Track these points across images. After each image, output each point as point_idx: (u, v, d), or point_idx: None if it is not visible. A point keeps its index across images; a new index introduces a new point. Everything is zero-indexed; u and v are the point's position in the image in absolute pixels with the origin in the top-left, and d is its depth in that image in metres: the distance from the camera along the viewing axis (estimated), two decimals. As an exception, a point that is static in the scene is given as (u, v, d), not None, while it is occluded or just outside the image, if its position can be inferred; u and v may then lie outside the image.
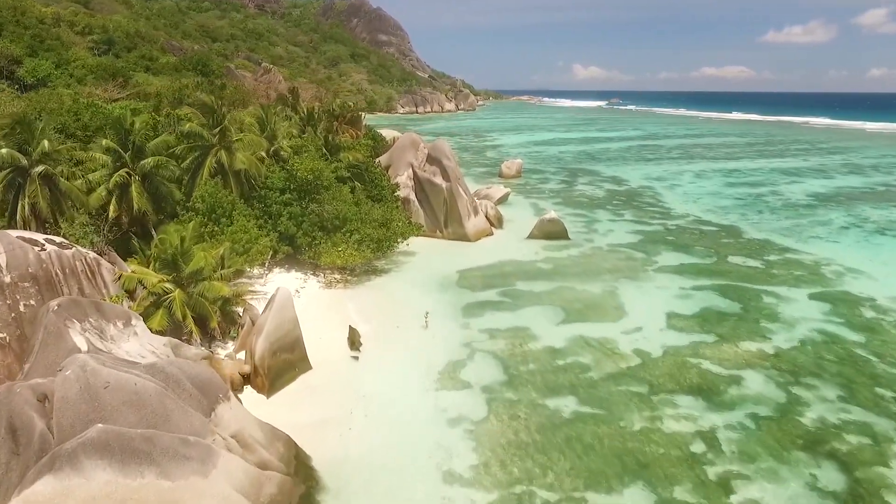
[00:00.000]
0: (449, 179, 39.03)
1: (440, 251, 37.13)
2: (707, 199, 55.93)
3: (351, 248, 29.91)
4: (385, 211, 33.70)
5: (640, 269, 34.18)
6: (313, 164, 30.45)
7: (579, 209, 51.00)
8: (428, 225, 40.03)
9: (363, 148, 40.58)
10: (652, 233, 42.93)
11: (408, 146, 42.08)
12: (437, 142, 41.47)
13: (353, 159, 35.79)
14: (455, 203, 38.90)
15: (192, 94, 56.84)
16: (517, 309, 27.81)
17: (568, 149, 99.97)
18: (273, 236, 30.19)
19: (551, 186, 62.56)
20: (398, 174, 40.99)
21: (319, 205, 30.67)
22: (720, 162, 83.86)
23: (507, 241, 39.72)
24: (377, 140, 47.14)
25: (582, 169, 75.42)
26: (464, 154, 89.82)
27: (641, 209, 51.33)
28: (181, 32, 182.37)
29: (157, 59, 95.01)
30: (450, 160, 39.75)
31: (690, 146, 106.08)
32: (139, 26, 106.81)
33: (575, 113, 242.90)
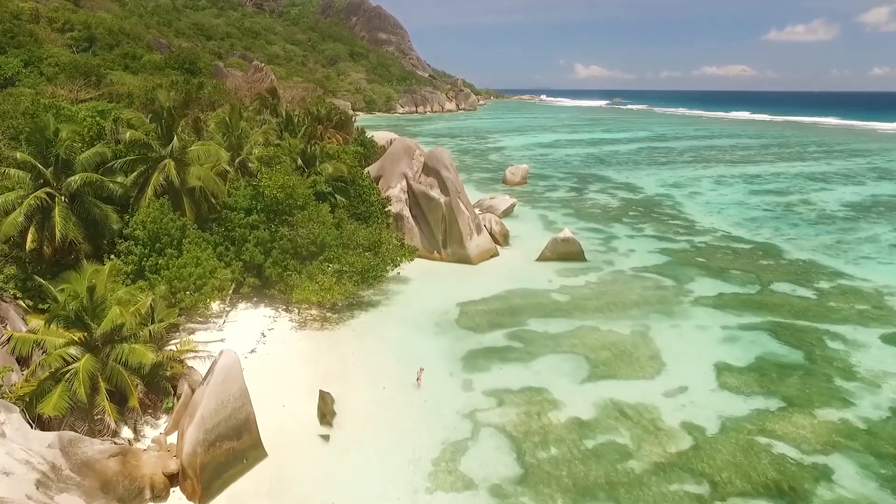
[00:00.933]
0: (448, 193, 33.90)
1: (438, 277, 32.05)
2: (733, 210, 50.76)
3: (329, 279, 24.80)
4: (372, 232, 28.56)
5: (672, 300, 29.04)
6: (284, 178, 25.31)
7: (593, 222, 45.85)
8: (424, 245, 34.94)
9: (349, 156, 35.47)
10: (678, 252, 37.77)
11: (401, 154, 36.95)
12: (434, 150, 36.32)
13: (335, 171, 30.66)
14: (455, 220, 33.77)
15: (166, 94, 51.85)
16: (531, 360, 22.69)
17: (575, 151, 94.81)
18: (236, 266, 25.12)
19: (560, 195, 57.40)
20: (390, 186, 35.89)
21: (292, 228, 25.57)
22: (738, 166, 78.66)
23: (515, 264, 34.59)
24: (367, 147, 42.05)
25: (592, 174, 70.25)
26: (464, 157, 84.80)
27: (662, 222, 46.18)
28: (174, 30, 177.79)
29: (141, 58, 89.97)
30: (449, 171, 34.61)
31: (703, 148, 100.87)
32: (124, 23, 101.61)
33: (578, 113, 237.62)
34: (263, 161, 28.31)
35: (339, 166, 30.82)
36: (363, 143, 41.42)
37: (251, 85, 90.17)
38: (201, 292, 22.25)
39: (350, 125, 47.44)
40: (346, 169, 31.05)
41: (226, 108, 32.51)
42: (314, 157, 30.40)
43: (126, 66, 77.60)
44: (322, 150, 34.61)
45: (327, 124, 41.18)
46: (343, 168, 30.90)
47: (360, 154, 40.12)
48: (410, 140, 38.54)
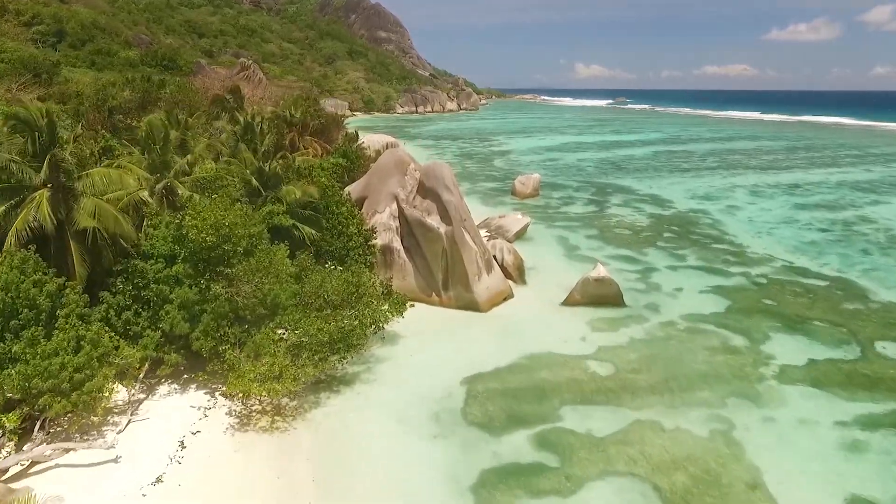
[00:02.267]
0: (450, 221, 26.43)
1: (437, 332, 24.61)
2: (785, 231, 43.24)
3: (281, 359, 17.37)
4: (349, 279, 21.07)
5: (751, 373, 21.57)
6: (218, 215, 17.82)
7: (623, 247, 38.36)
8: (419, 285, 27.52)
9: (326, 173, 28.05)
10: (737, 292, 30.28)
11: (391, 169, 29.48)
12: (432, 165, 28.71)
13: (303, 195, 23.25)
14: (459, 257, 26.31)
15: (118, 93, 44.52)
16: (574, 492, 15.23)
17: (587, 156, 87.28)
18: (150, 339, 17.71)
19: (578, 209, 49.91)
20: (376, 211, 28.43)
21: (231, 283, 18.15)
22: (770, 173, 71.12)
23: (536, 311, 27.13)
24: (352, 158, 34.54)
25: (610, 184, 62.71)
26: (468, 163, 77.43)
27: (705, 247, 38.67)
28: (164, 27, 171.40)
29: (116, 54, 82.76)
30: (451, 192, 27.13)
31: (724, 152, 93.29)
32: (98, 17, 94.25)
33: (583, 113, 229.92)
34: (200, 186, 20.87)
35: (308, 189, 23.39)
36: (346, 154, 33.98)
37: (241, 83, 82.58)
38: (81, 391, 14.83)
39: (335, 130, 40.04)
40: (317, 192, 23.60)
41: (161, 113, 25.09)
42: (275, 178, 22.94)
43: (93, 62, 70.15)
44: (290, 166, 27.24)
45: (302, 131, 33.79)
46: (313, 191, 23.46)
47: (341, 168, 32.71)
48: (402, 151, 31.04)
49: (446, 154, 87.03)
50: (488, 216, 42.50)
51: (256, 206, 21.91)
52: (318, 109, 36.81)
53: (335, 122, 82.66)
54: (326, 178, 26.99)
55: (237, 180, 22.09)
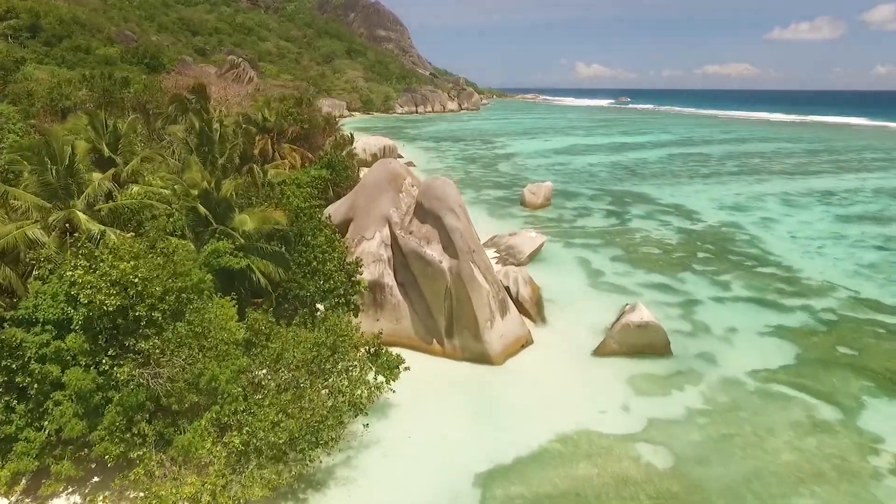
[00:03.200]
0: (456, 254, 21.03)
1: (440, 397, 19.28)
2: (835, 250, 37.82)
3: (217, 474, 12.01)
4: (321, 340, 15.63)
5: (860, 468, 16.15)
6: (125, 266, 12.40)
7: (654, 271, 32.96)
8: (418, 330, 22.16)
9: (302, 192, 22.65)
10: (804, 334, 24.86)
11: (383, 185, 24.06)
12: (434, 182, 23.14)
13: (262, 224, 17.84)
14: (467, 298, 20.91)
15: (74, 92, 39.12)
16: None
17: (597, 159, 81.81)
18: (28, 445, 12.35)
19: (596, 223, 44.48)
20: (364, 237, 23.04)
21: (147, 361, 12.77)
22: (798, 179, 65.67)
23: (563, 365, 21.74)
24: (338, 169, 28.99)
25: (627, 192, 57.26)
26: (471, 168, 71.98)
27: (748, 270, 33.26)
28: (156, 25, 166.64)
29: (94, 51, 77.37)
30: (457, 217, 21.71)
31: (742, 155, 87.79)
32: (78, 13, 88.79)
33: (587, 113, 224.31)
34: (117, 215, 15.46)
35: (271, 216, 17.96)
36: (331, 165, 28.47)
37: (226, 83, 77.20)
38: None
39: (320, 134, 34.70)
40: (284, 218, 18.19)
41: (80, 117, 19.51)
42: (225, 205, 17.51)
43: (63, 59, 64.73)
44: (257, 182, 21.84)
45: (278, 137, 28.41)
46: (279, 218, 18.04)
47: (324, 182, 27.31)
48: (397, 163, 25.53)
49: (447, 157, 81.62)
50: (496, 234, 37.14)
51: (205, 242, 16.51)
52: (300, 112, 31.37)
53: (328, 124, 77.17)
54: (301, 197, 21.59)
55: (178, 207, 16.70)
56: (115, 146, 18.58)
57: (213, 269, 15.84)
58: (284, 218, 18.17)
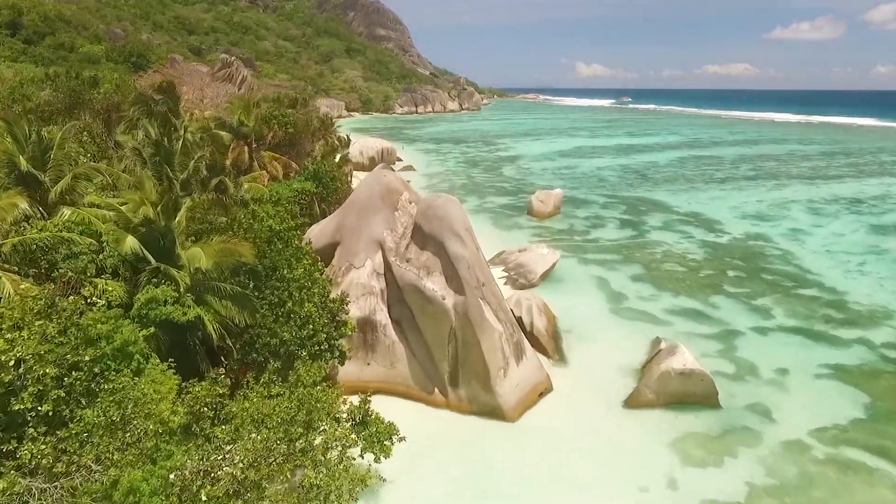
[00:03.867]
0: (462, 288, 17.42)
1: (442, 468, 15.70)
2: (878, 267, 34.16)
3: None
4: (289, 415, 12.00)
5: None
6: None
7: (681, 293, 29.35)
8: (416, 377, 18.57)
9: (279, 211, 19.04)
10: (869, 376, 21.23)
11: (375, 202, 20.44)
12: (436, 201, 19.34)
13: (220, 261, 14.25)
14: (476, 342, 17.30)
15: (37, 93, 35.54)
16: None
17: (605, 162, 78.18)
18: None
19: (611, 234, 40.85)
20: (352, 265, 19.43)
21: (37, 468, 9.16)
22: (820, 185, 62.04)
23: (590, 421, 18.12)
24: (325, 181, 25.26)
25: (641, 198, 53.65)
26: (473, 172, 68.40)
27: (787, 293, 29.65)
28: (151, 23, 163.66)
29: (77, 48, 73.84)
30: (463, 243, 18.07)
31: (756, 158, 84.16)
32: (63, 9, 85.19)
33: (590, 113, 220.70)
34: (26, 254, 11.88)
35: (231, 249, 14.34)
36: (318, 176, 24.82)
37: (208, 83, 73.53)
38: None
39: (309, 139, 31.12)
40: (250, 251, 14.56)
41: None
42: (171, 237, 13.85)
43: (41, 57, 61.10)
44: (226, 202, 18.24)
45: (258, 145, 24.82)
46: (243, 251, 14.42)
47: (309, 196, 23.70)
48: (392, 175, 21.85)
49: (448, 160, 78.01)
50: (504, 250, 33.51)
51: (142, 286, 12.91)
52: (284, 114, 27.65)
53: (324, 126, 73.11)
54: (278, 218, 18.01)
55: (110, 240, 13.10)
56: (42, 160, 15.01)
57: (151, 323, 12.25)
58: (251, 252, 14.54)
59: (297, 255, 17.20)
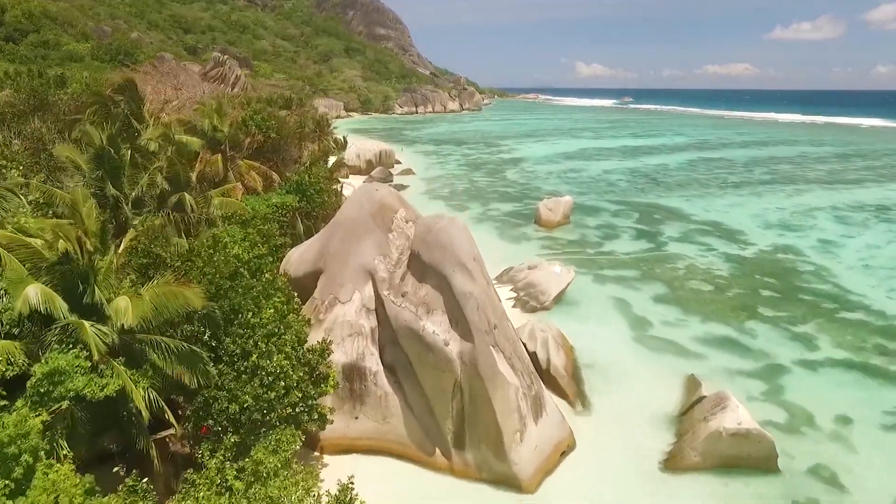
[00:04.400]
0: (470, 334, 14.24)
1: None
2: (926, 285, 31.06)
3: None
4: None
5: None
6: None
7: (711, 318, 26.16)
8: (413, 434, 15.39)
9: (251, 235, 15.87)
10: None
11: (365, 222, 17.25)
12: (436, 225, 15.92)
13: (170, 304, 11.10)
14: (487, 399, 14.12)
15: (-5, 94, 32.32)
16: None
17: (612, 165, 75.00)
18: None
19: (626, 247, 37.66)
20: (337, 298, 16.25)
21: None
22: (841, 190, 58.83)
23: (622, 488, 14.93)
24: (310, 194, 21.90)
25: (654, 205, 50.47)
26: (475, 176, 65.25)
27: (831, 318, 26.45)
28: (146, 22, 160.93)
29: (61, 47, 70.73)
30: (471, 276, 14.83)
31: (769, 161, 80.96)
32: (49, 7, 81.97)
33: (592, 113, 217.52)
34: None
35: (176, 293, 11.18)
36: (301, 188, 21.51)
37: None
38: None
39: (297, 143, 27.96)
40: (197, 298, 11.41)
41: None
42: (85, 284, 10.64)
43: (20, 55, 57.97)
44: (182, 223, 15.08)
45: (233, 151, 21.67)
46: (190, 297, 11.26)
47: (291, 212, 20.52)
48: (385, 189, 18.60)
49: (449, 163, 74.81)
50: (512, 266, 30.33)
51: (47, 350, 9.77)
52: (264, 117, 24.46)
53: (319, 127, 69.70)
54: (246, 244, 14.88)
55: (7, 289, 9.95)
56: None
57: (55, 403, 9.11)
58: (200, 296, 11.39)
59: (266, 292, 14.04)
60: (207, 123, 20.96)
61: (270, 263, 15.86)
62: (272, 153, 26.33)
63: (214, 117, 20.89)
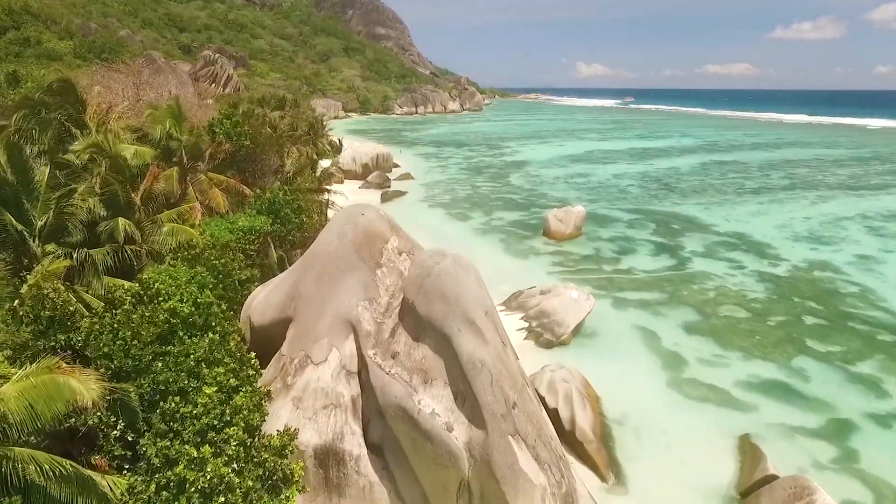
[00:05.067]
0: (482, 419, 10.67)
1: None
2: None
3: None
4: None
5: None
6: None
7: (754, 353, 22.60)
8: (405, 538, 11.82)
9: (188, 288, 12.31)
10: None
11: (347, 257, 13.69)
12: (437, 265, 12.28)
13: (58, 398, 7.59)
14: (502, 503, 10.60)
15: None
16: None
17: (621, 169, 71.43)
18: None
19: (646, 263, 34.06)
20: (308, 357, 12.67)
21: None
22: (867, 196, 55.26)
23: None
24: (284, 213, 18.16)
25: (671, 214, 46.89)
26: (478, 180, 61.74)
27: (890, 353, 22.92)
28: (140, 20, 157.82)
29: (42, 44, 67.19)
30: (482, 336, 11.29)
31: (784, 164, 77.36)
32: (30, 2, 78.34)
33: (594, 114, 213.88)
34: None
35: (56, 384, 7.64)
36: (273, 208, 17.80)
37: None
38: None
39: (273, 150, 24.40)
40: (89, 390, 7.87)
41: None
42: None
43: (-9, 53, 54.46)
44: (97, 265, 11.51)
45: (193, 162, 18.13)
46: (77, 390, 7.73)
47: (260, 238, 16.96)
48: (373, 212, 14.94)
49: (450, 167, 71.24)
50: (521, 290, 26.73)
51: None
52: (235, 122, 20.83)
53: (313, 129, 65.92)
54: (189, 292, 11.40)
55: None
56: None
57: None
58: (94, 387, 7.86)
59: (210, 358, 10.51)
60: (160, 130, 17.42)
61: (223, 312, 12.33)
62: (247, 162, 22.74)
63: (168, 122, 17.37)
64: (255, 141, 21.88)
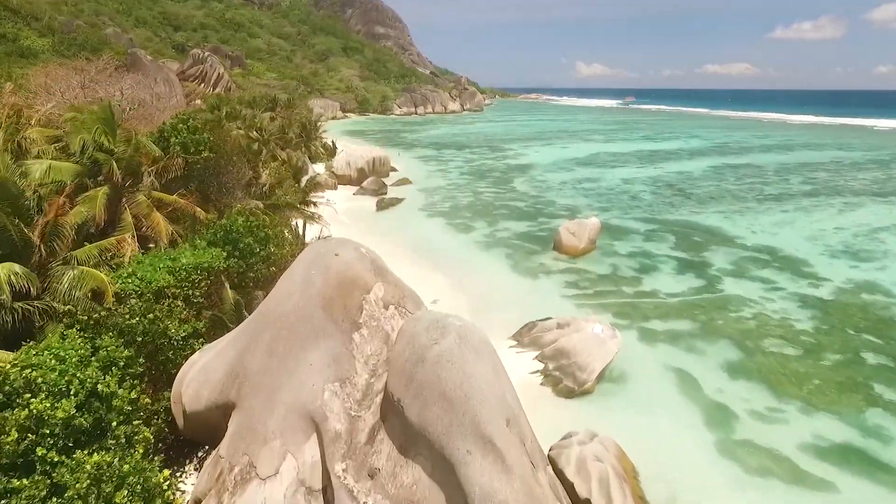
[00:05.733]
0: None
1: None
2: None
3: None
4: None
5: None
6: None
7: (813, 403, 18.91)
8: None
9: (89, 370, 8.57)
10: None
11: (313, 313, 10.01)
12: (438, 344, 8.49)
13: None
14: None
15: None
16: None
17: (631, 173, 67.67)
18: None
19: (671, 285, 30.29)
20: (252, 467, 8.99)
21: None
22: (893, 202, 51.61)
23: None
24: (247, 246, 14.51)
25: (690, 224, 43.17)
26: (480, 185, 58.01)
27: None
28: (133, 19, 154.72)
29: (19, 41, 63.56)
30: (502, 462, 7.57)
31: (801, 168, 73.66)
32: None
33: (597, 114, 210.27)
34: None
35: None
36: (230, 238, 14.14)
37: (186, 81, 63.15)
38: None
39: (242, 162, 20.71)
40: None
41: None
42: None
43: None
44: None
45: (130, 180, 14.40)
46: None
47: (215, 278, 13.26)
48: (353, 251, 11.34)
49: (451, 171, 67.47)
50: (535, 321, 22.94)
51: None
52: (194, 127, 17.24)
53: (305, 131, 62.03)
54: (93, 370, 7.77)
55: None
56: None
57: None
58: None
59: (94, 489, 6.79)
60: (88, 140, 13.71)
61: (134, 405, 8.62)
62: (211, 176, 19.03)
63: (97, 130, 13.70)
64: (219, 150, 18.14)
